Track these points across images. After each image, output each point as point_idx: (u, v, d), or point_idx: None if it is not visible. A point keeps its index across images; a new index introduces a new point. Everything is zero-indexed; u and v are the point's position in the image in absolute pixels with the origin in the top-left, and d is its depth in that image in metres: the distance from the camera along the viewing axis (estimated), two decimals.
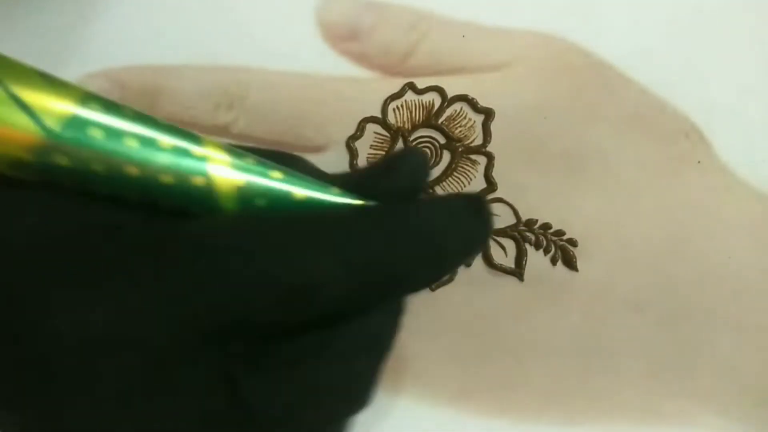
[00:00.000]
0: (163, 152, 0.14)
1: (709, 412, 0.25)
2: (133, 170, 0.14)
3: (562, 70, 0.29)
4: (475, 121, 0.28)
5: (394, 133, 0.28)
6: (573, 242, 0.26)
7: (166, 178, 0.14)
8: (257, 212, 0.15)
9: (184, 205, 0.15)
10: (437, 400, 0.25)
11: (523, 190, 0.27)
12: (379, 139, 0.28)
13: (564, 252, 0.26)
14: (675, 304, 0.26)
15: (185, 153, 0.15)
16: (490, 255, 0.26)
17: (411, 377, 0.25)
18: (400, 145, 0.28)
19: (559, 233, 0.27)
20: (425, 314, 0.26)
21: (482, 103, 0.28)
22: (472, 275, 0.26)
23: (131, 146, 0.14)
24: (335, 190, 0.17)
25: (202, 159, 0.15)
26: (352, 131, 0.28)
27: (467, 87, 0.28)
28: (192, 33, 0.28)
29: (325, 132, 0.28)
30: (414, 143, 0.28)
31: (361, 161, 0.27)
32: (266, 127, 0.27)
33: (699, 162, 0.28)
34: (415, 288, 0.16)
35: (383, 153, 0.28)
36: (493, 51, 0.29)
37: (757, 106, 0.28)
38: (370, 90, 0.28)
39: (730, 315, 0.26)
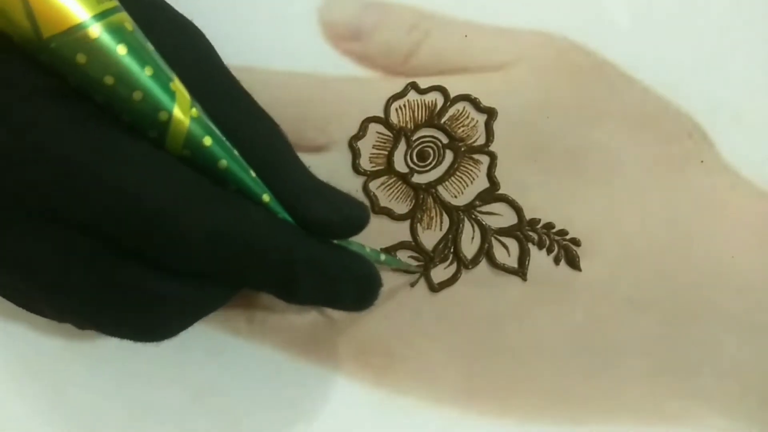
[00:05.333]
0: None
1: (713, 412, 0.25)
2: (109, 80, 0.16)
3: (564, 70, 0.28)
4: (477, 121, 0.28)
5: (397, 132, 0.28)
6: (576, 242, 0.26)
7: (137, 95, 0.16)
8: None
9: (138, 124, 0.17)
10: (440, 400, 0.25)
11: (526, 189, 0.27)
12: (382, 138, 0.28)
13: (567, 251, 0.26)
14: (679, 303, 0.26)
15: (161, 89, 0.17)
16: (493, 255, 0.26)
17: (413, 377, 0.25)
18: (402, 144, 0.28)
19: (562, 233, 0.27)
20: (428, 314, 0.26)
21: (485, 102, 0.28)
22: (475, 275, 0.26)
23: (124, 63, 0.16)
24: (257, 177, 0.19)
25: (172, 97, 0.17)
26: (354, 131, 0.28)
27: (470, 87, 0.28)
28: None
29: (328, 132, 0.28)
30: (416, 143, 0.28)
31: (364, 161, 0.27)
32: None
33: (702, 161, 0.28)
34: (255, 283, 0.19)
35: (386, 153, 0.28)
36: (495, 50, 0.29)
37: (761, 105, 0.28)
38: (372, 90, 0.28)
39: (734, 314, 0.26)
